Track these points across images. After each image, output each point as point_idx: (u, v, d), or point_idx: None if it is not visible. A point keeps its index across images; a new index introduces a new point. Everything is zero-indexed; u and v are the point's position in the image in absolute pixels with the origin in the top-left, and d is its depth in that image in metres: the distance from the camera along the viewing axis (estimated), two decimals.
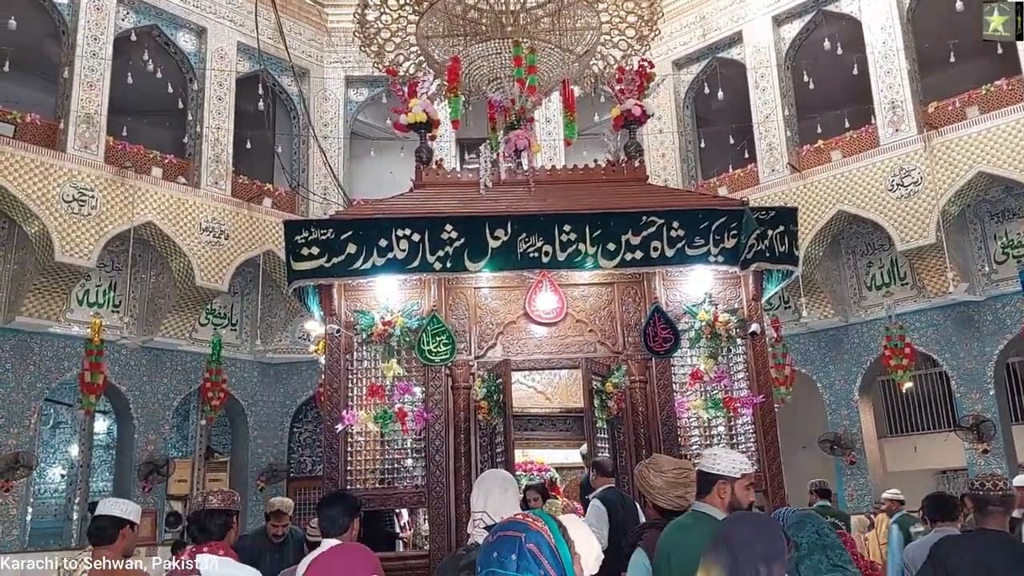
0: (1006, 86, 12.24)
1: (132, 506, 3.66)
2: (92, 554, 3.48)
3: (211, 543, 3.20)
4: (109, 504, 3.62)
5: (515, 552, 1.73)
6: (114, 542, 3.51)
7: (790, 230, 6.30)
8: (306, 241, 6.03)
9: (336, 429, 6.02)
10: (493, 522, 3.25)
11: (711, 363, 6.27)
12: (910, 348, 12.92)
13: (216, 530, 3.25)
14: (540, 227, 6.10)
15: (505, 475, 3.50)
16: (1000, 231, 13.11)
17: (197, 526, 3.27)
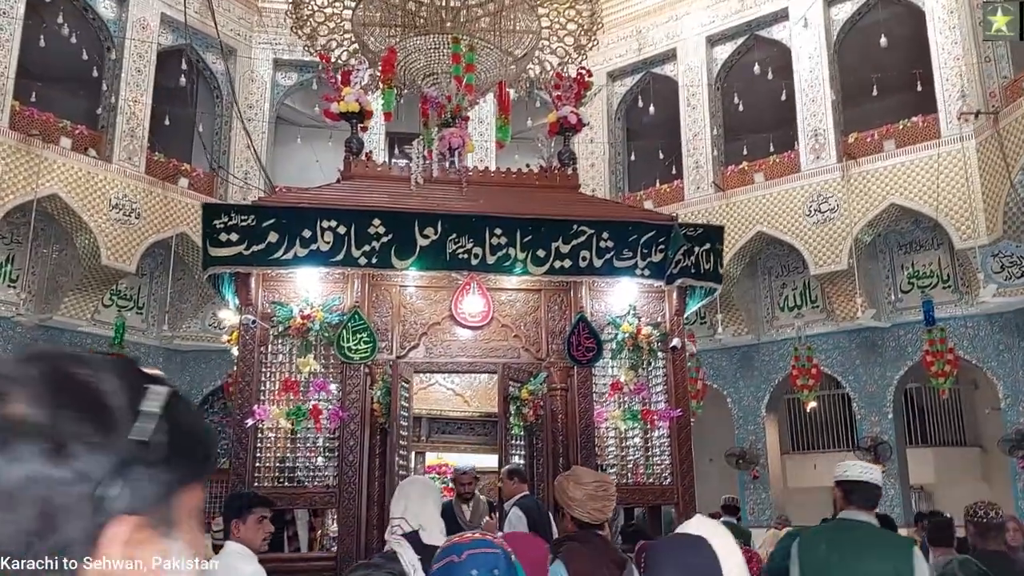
0: (922, 123, 12.76)
1: None
2: None
3: None
4: None
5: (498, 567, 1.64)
6: None
7: (716, 248, 6.37)
8: (225, 226, 5.78)
9: (246, 424, 5.78)
10: (411, 529, 3.14)
11: (631, 375, 6.28)
12: (816, 369, 13.33)
13: None
14: (471, 228, 6.00)
15: (427, 482, 3.41)
16: (907, 261, 13.65)
17: None
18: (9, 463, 0.56)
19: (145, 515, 0.61)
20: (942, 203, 12.18)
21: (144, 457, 0.61)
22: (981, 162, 11.94)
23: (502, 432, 6.01)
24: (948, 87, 12.47)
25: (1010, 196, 11.25)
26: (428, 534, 3.13)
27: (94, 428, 0.59)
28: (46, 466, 0.57)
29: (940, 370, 12.37)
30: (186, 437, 0.65)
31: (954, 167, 12.17)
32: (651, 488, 6.14)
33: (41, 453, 0.57)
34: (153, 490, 0.61)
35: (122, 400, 0.60)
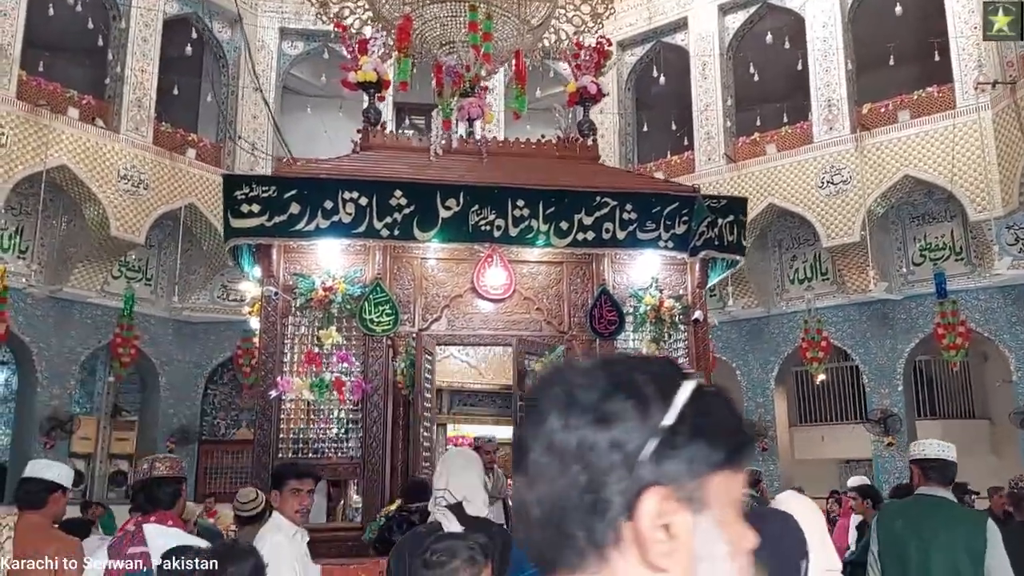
0: (937, 93, 12.62)
1: (64, 469, 3.39)
2: (18, 518, 3.20)
3: (159, 512, 2.96)
4: (39, 466, 3.33)
5: None
6: (43, 507, 3.24)
7: (739, 220, 6.33)
8: (247, 197, 5.73)
9: (269, 395, 5.77)
10: (455, 501, 3.13)
11: (653, 347, 6.26)
12: (826, 341, 13.34)
13: (165, 499, 3.00)
14: (493, 200, 5.95)
15: (469, 453, 3.39)
16: (920, 233, 13.57)
17: (144, 495, 3.01)
18: (566, 431, 0.71)
19: (672, 488, 0.70)
20: (957, 175, 12.08)
21: (672, 439, 0.71)
22: (997, 133, 11.82)
23: (516, 407, 6.00)
24: (964, 57, 12.31)
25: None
26: (472, 505, 3.12)
27: (633, 410, 0.71)
28: (591, 433, 0.70)
29: (952, 343, 12.36)
30: (715, 425, 0.73)
31: (970, 138, 12.06)
32: None
33: (588, 424, 0.71)
34: (682, 468, 0.71)
35: (658, 391, 0.72)
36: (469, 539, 2.01)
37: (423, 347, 5.82)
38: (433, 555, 1.99)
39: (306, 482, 3.25)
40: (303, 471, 3.33)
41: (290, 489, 3.19)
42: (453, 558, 1.97)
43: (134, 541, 2.81)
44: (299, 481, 3.22)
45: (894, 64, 13.37)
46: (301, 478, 3.24)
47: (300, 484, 3.20)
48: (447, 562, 1.98)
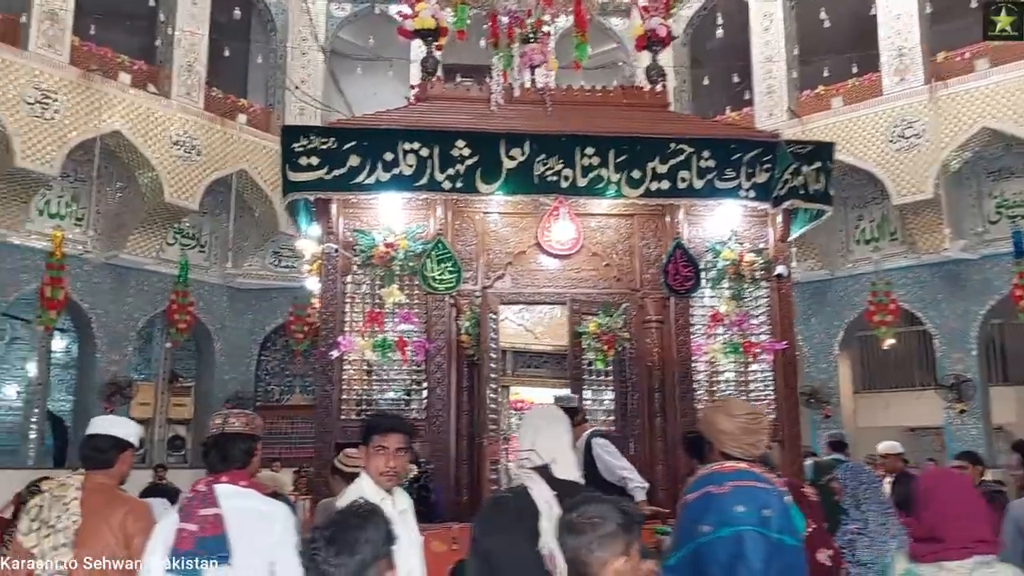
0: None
1: (132, 426, 3.18)
2: (85, 478, 3.00)
3: (232, 471, 2.73)
4: (106, 422, 3.12)
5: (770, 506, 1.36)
6: (111, 466, 3.04)
7: (826, 167, 5.91)
8: (305, 150, 5.48)
9: (331, 356, 5.56)
10: (542, 462, 2.86)
11: (732, 305, 5.91)
12: (895, 304, 12.77)
13: (239, 457, 2.76)
14: (560, 149, 5.62)
15: (556, 411, 3.11)
16: (996, 190, 12.89)
17: (217, 452, 2.76)
18: None
19: None
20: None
21: None
22: None
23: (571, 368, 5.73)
24: None
25: None
26: (561, 467, 2.84)
27: None
28: None
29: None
30: None
31: None
32: None
33: None
34: None
35: None
36: (620, 503, 1.72)
37: (488, 305, 5.55)
38: (581, 517, 1.72)
39: (391, 438, 2.82)
40: (388, 425, 2.86)
41: (374, 446, 2.81)
42: (605, 521, 1.70)
43: (205, 502, 2.59)
44: (382, 437, 2.80)
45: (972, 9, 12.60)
46: (385, 433, 2.82)
47: (384, 440, 2.80)
48: (600, 525, 1.70)
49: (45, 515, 2.75)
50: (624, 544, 1.74)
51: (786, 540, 1.71)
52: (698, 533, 1.87)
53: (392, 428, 2.87)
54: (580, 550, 1.75)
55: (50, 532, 2.69)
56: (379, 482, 2.81)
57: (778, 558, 1.73)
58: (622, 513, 1.70)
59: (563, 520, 1.73)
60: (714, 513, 1.52)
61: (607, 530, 1.73)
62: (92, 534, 2.75)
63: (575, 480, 2.88)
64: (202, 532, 2.53)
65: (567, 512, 1.74)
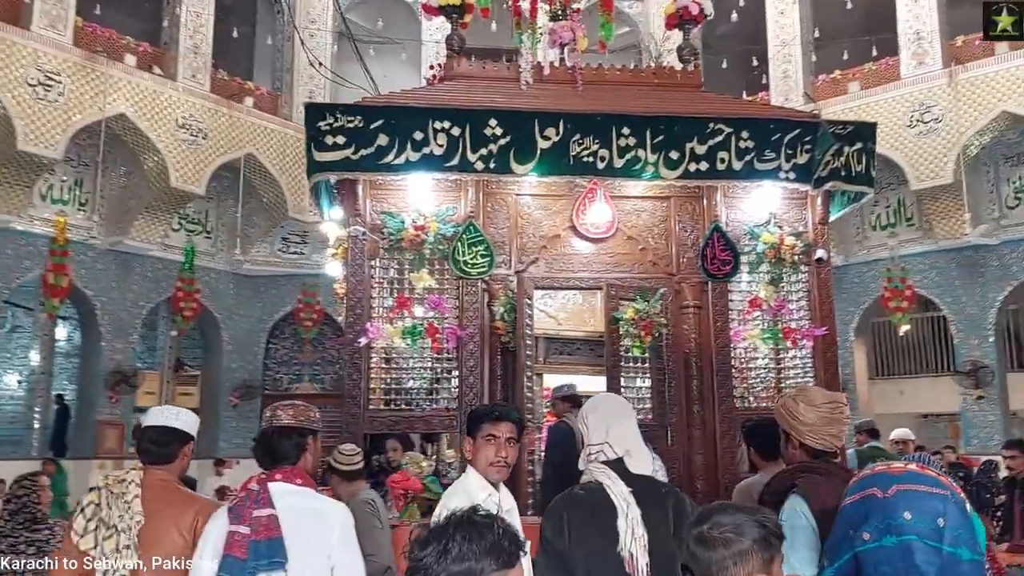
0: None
1: (192, 416, 2.95)
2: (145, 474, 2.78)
3: (285, 469, 2.53)
4: (165, 413, 2.88)
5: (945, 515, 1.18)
6: (172, 461, 2.83)
7: (868, 148, 5.72)
8: (331, 128, 5.27)
9: (358, 343, 5.37)
10: (616, 456, 2.68)
11: (771, 290, 5.73)
12: (911, 290, 12.64)
13: (289, 452, 2.57)
14: (596, 128, 5.42)
15: (622, 400, 2.94)
16: (1014, 175, 12.73)
17: (265, 448, 2.57)
18: None
19: None
20: None
21: None
22: None
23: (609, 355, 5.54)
24: None
25: None
26: (635, 461, 2.66)
27: None
28: None
29: None
30: None
31: None
32: None
33: None
34: None
35: None
36: (759, 513, 1.53)
37: (524, 290, 5.36)
38: (714, 529, 1.51)
39: (502, 426, 2.63)
40: (500, 413, 2.70)
41: (484, 436, 2.63)
42: (741, 536, 1.50)
43: (259, 502, 2.40)
44: (493, 425, 2.63)
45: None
46: (496, 421, 2.64)
47: (495, 429, 2.62)
48: (733, 540, 1.50)
49: (104, 514, 2.56)
50: (762, 561, 1.54)
51: (963, 554, 1.51)
52: (858, 541, 1.67)
53: (503, 416, 2.70)
54: (712, 568, 1.56)
55: (112, 533, 2.50)
56: (487, 473, 2.64)
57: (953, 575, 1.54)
58: (760, 526, 1.50)
59: (694, 532, 1.53)
60: (876, 519, 1.33)
61: (743, 546, 1.53)
62: (159, 535, 2.55)
63: (649, 475, 2.71)
64: (256, 535, 2.34)
65: (698, 523, 1.55)
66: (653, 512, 2.54)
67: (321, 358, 15.50)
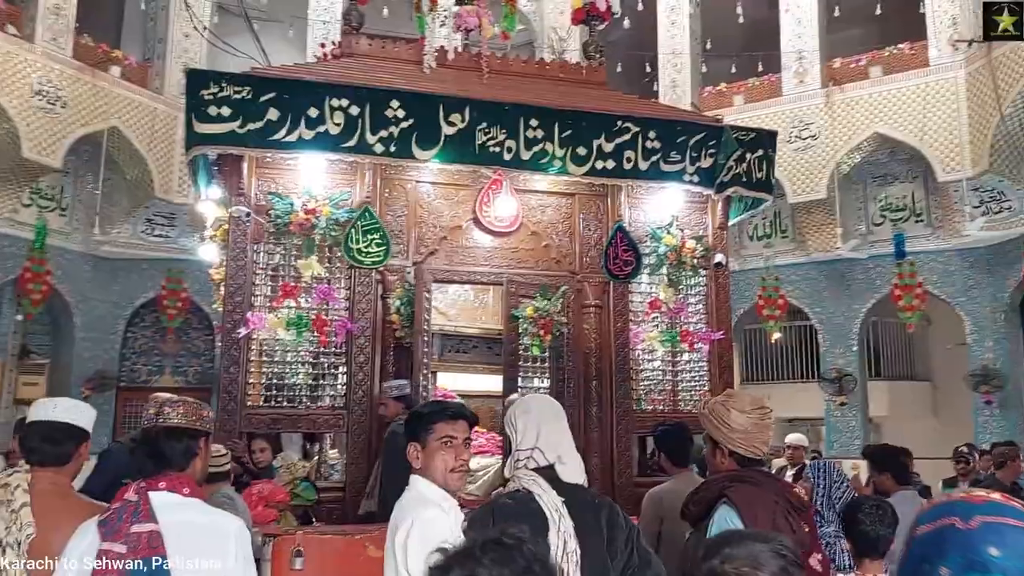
0: (909, 50, 12.33)
1: (88, 410, 2.53)
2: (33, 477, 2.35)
3: (170, 476, 2.15)
4: (58, 408, 2.45)
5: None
6: (68, 462, 2.43)
7: (768, 155, 5.76)
8: (216, 98, 4.81)
9: (238, 333, 4.93)
10: (547, 463, 2.44)
11: (670, 292, 5.67)
12: (783, 300, 13.11)
13: (179, 457, 2.19)
14: (503, 118, 5.20)
15: (554, 402, 2.70)
16: (880, 193, 13.39)
17: (148, 451, 2.17)
18: None
19: None
20: (927, 134, 11.86)
21: None
22: (970, 93, 11.62)
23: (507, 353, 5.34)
24: (940, 14, 12.03)
25: (999, 129, 10.98)
26: (567, 469, 2.44)
27: None
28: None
29: (908, 304, 12.28)
30: None
31: (942, 97, 11.83)
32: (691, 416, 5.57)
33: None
34: None
35: None
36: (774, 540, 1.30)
37: (424, 283, 5.06)
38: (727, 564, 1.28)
39: (459, 426, 2.32)
40: (455, 411, 2.37)
41: (438, 438, 2.29)
42: (759, 570, 1.27)
43: (138, 515, 2.01)
44: (449, 424, 2.32)
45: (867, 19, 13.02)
46: (452, 420, 2.32)
47: (451, 429, 2.30)
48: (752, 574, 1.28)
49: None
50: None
51: None
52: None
53: (458, 414, 2.36)
54: None
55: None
56: (448, 482, 2.29)
57: None
58: (778, 555, 1.29)
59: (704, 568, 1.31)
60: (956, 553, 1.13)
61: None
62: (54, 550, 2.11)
63: (581, 483, 2.49)
64: (134, 554, 1.96)
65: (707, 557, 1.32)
66: (585, 524, 2.33)
67: (186, 349, 14.59)
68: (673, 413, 5.57)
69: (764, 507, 2.48)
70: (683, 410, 5.61)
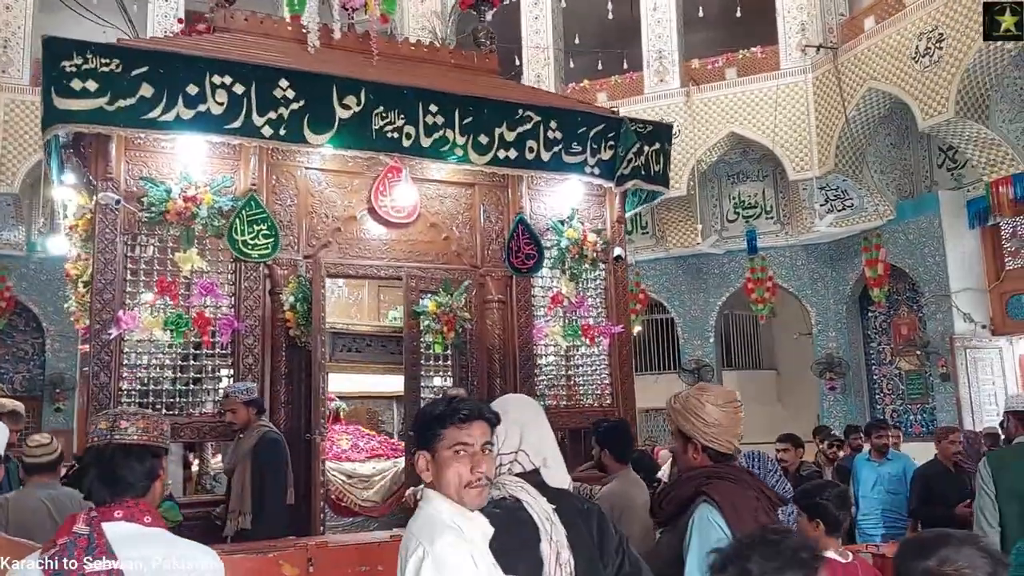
0: (761, 54, 12.93)
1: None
2: None
3: (127, 503, 1.77)
4: None
5: None
6: None
7: (665, 149, 5.77)
8: (79, 71, 4.25)
9: (108, 334, 4.38)
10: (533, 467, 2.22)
11: (572, 286, 5.57)
12: (644, 294, 13.45)
13: (138, 481, 1.80)
14: (401, 102, 4.92)
15: (533, 401, 2.46)
16: (734, 191, 13.99)
17: (101, 474, 1.78)
18: None
19: None
20: (779, 134, 12.48)
21: None
22: (817, 96, 12.32)
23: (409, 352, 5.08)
24: (789, 20, 12.67)
25: (844, 131, 11.70)
26: (552, 473, 2.23)
27: None
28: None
29: (760, 297, 12.90)
30: None
31: (792, 99, 12.47)
32: (592, 409, 5.50)
33: None
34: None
35: None
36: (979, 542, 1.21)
37: (321, 277, 4.68)
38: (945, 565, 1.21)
39: (475, 430, 1.87)
40: (470, 411, 1.89)
41: (450, 447, 1.86)
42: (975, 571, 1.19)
43: (93, 551, 1.63)
44: (462, 429, 1.87)
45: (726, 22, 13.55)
46: (466, 423, 1.87)
47: (466, 435, 1.86)
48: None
49: None
50: None
51: None
52: None
53: (474, 414, 1.89)
54: None
55: None
56: (464, 498, 1.88)
57: None
58: (990, 557, 1.23)
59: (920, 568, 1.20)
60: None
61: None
62: None
63: (565, 488, 2.29)
64: None
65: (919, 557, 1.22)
66: (577, 533, 2.12)
67: (10, 354, 13.21)
68: (574, 408, 5.48)
69: (746, 504, 2.38)
70: (584, 404, 5.54)
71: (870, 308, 13.03)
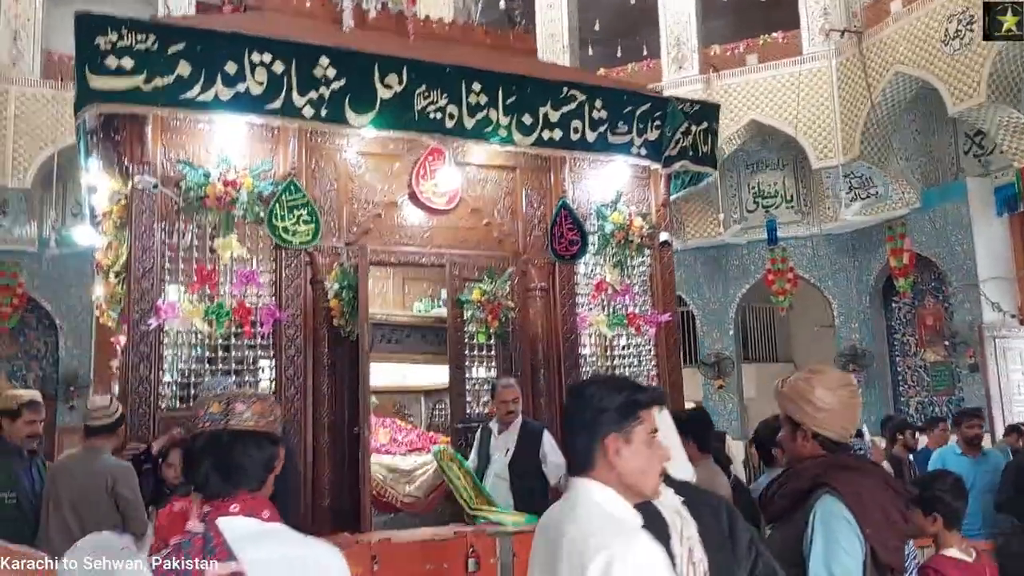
0: (783, 39, 12.72)
1: None
2: None
3: (242, 496, 1.57)
4: None
5: None
6: None
7: (712, 128, 5.60)
8: (115, 48, 4.06)
9: (147, 325, 4.20)
10: None
11: (616, 273, 5.37)
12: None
13: (256, 472, 1.60)
14: (444, 81, 4.73)
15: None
16: (753, 180, 13.78)
17: (217, 461, 1.58)
18: None
19: None
20: (801, 122, 12.27)
21: None
22: (841, 82, 12.10)
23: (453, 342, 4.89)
24: (811, 4, 12.46)
25: (869, 117, 11.49)
26: (676, 465, 2.05)
27: None
28: None
29: (780, 288, 12.69)
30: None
31: (815, 86, 12.26)
32: None
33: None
34: None
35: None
36: None
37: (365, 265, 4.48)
38: None
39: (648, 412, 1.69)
40: (653, 395, 1.73)
41: (640, 432, 1.68)
42: None
43: (210, 552, 1.44)
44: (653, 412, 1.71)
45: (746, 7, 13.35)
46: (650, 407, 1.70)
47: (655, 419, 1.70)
48: None
49: None
50: None
51: None
52: None
53: (660, 398, 1.76)
54: None
55: None
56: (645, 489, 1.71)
57: None
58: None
59: None
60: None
61: None
62: None
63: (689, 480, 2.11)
64: None
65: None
66: (708, 530, 1.94)
67: (24, 352, 13.03)
68: None
69: (871, 495, 2.20)
70: None
71: (894, 299, 12.82)
